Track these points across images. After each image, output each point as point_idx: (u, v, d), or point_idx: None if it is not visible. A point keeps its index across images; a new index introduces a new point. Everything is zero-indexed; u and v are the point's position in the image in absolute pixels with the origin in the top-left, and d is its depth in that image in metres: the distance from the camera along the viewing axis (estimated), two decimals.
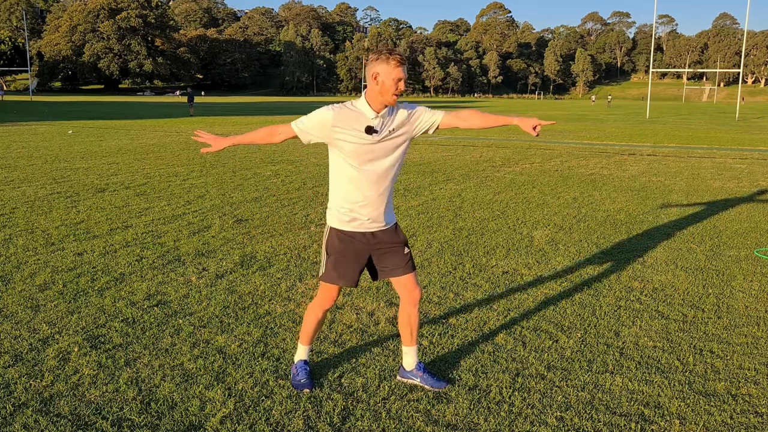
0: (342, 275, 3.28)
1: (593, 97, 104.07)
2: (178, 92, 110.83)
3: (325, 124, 3.10)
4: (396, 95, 3.07)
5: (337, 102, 3.33)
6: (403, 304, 3.41)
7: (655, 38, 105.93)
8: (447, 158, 14.53)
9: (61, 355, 3.76)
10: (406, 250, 3.33)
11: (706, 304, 4.81)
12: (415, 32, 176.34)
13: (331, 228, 3.28)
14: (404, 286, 3.35)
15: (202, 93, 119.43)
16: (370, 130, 3.09)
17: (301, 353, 3.51)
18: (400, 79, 3.04)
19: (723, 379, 3.57)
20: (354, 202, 3.18)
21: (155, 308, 4.56)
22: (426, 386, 3.41)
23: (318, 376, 3.54)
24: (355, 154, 3.11)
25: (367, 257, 3.30)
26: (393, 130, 3.14)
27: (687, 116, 44.99)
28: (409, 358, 3.47)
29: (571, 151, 16.74)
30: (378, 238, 3.27)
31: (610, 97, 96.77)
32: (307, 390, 3.35)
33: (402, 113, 3.18)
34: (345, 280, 3.28)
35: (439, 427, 3.05)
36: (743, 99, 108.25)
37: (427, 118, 3.20)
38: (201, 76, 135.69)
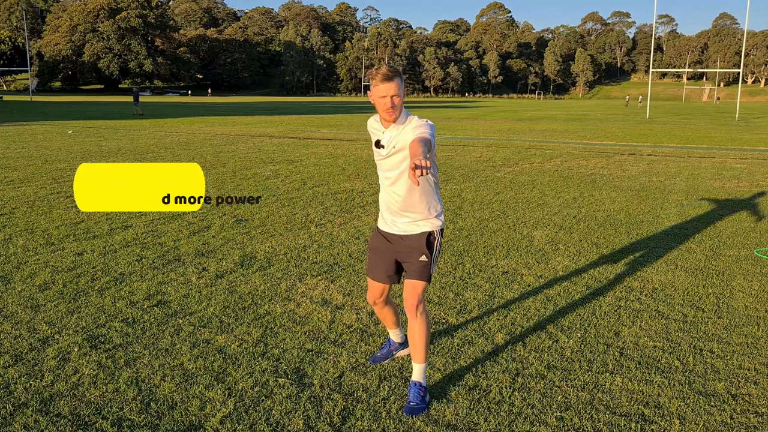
0: (370, 269, 3.47)
1: (627, 98, 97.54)
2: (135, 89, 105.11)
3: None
4: (388, 112, 3.03)
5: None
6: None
7: (655, 38, 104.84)
8: (447, 158, 14.52)
9: (61, 355, 3.76)
10: (423, 258, 3.25)
11: (706, 304, 4.82)
12: (415, 32, 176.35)
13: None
14: (403, 290, 3.32)
15: (189, 92, 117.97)
16: (377, 144, 3.21)
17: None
18: (383, 96, 3.00)
19: (723, 379, 3.57)
20: (382, 204, 3.35)
21: (155, 308, 4.56)
22: (409, 402, 3.23)
23: (318, 376, 3.55)
24: (377, 161, 3.29)
25: (394, 258, 3.37)
26: (394, 147, 3.12)
27: (687, 116, 44.99)
28: (413, 372, 3.33)
29: (571, 151, 16.73)
30: (400, 242, 3.30)
31: (627, 97, 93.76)
32: (373, 364, 3.68)
33: (408, 130, 3.09)
34: (372, 274, 3.45)
35: (439, 427, 3.05)
36: (718, 99, 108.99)
37: (411, 134, 3.09)
38: (201, 76, 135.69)
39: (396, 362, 3.73)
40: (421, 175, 2.53)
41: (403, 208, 3.25)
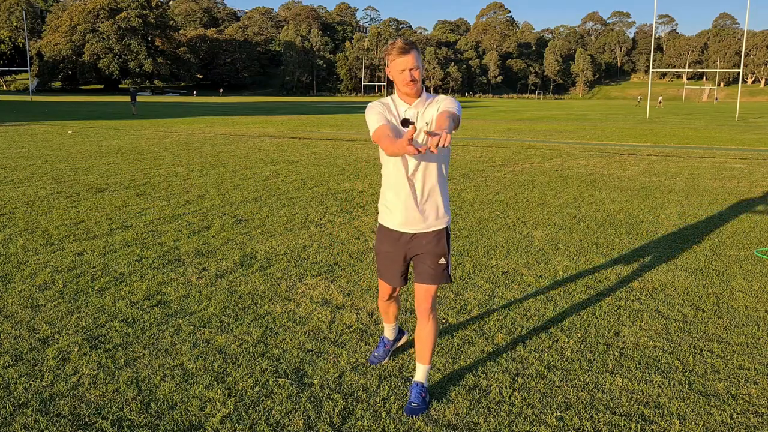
0: (383, 273, 3.35)
1: (639, 97, 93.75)
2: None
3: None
4: (409, 85, 2.95)
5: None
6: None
7: (655, 38, 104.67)
8: None
9: (61, 355, 3.76)
10: (442, 261, 3.17)
11: (706, 304, 4.81)
12: (415, 32, 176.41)
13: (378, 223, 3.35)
14: (416, 293, 3.26)
15: (195, 92, 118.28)
16: (405, 122, 3.00)
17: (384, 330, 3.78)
18: (401, 71, 2.93)
19: (723, 379, 3.57)
20: (396, 199, 3.15)
21: (155, 308, 4.56)
22: (410, 402, 3.21)
23: (318, 376, 3.55)
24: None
25: (407, 257, 3.25)
26: (426, 123, 3.02)
27: (687, 116, 44.98)
28: (417, 372, 3.32)
29: (571, 151, 16.73)
30: (414, 242, 3.18)
31: (639, 97, 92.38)
32: (373, 365, 3.68)
33: (433, 106, 3.03)
34: (386, 278, 3.34)
35: (439, 427, 3.05)
36: (716, 99, 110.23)
37: (437, 108, 3.02)
38: (201, 76, 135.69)
39: (396, 362, 3.73)
40: (437, 145, 2.37)
41: (424, 199, 3.10)
